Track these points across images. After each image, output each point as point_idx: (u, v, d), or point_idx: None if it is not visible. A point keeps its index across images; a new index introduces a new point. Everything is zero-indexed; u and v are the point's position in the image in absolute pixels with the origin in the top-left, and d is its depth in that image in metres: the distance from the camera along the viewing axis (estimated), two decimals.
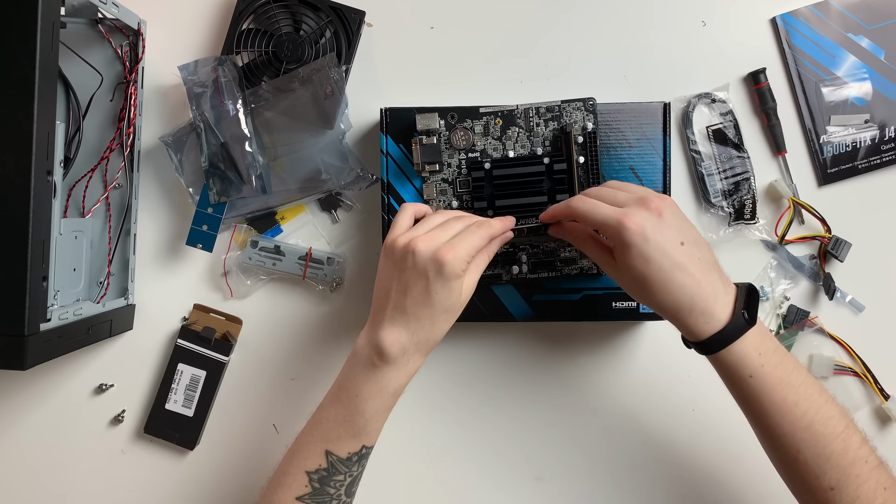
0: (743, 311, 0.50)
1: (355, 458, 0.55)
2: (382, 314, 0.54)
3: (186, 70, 0.66)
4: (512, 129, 0.64)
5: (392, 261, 0.54)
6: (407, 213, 0.57)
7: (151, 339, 0.71)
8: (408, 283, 0.53)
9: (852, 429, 0.52)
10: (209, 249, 0.68)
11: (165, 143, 0.68)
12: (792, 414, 0.50)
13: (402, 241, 0.53)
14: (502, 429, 0.71)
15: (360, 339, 0.55)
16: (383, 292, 0.55)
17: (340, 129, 0.67)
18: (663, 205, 0.51)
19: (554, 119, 0.63)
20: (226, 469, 0.71)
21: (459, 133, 0.63)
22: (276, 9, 0.67)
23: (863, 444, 0.52)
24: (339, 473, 0.55)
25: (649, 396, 0.70)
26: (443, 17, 0.71)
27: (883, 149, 0.70)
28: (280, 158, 0.67)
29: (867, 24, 0.70)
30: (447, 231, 0.54)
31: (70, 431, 0.71)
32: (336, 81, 0.65)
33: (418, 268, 0.52)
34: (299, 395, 0.71)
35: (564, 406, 0.71)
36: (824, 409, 0.51)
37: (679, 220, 0.52)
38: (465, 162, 0.64)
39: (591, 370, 0.71)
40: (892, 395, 0.69)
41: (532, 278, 0.64)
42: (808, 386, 0.51)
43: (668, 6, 0.71)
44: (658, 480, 0.70)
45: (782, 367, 0.51)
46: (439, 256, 0.51)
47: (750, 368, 0.51)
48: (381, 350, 0.53)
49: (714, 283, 0.51)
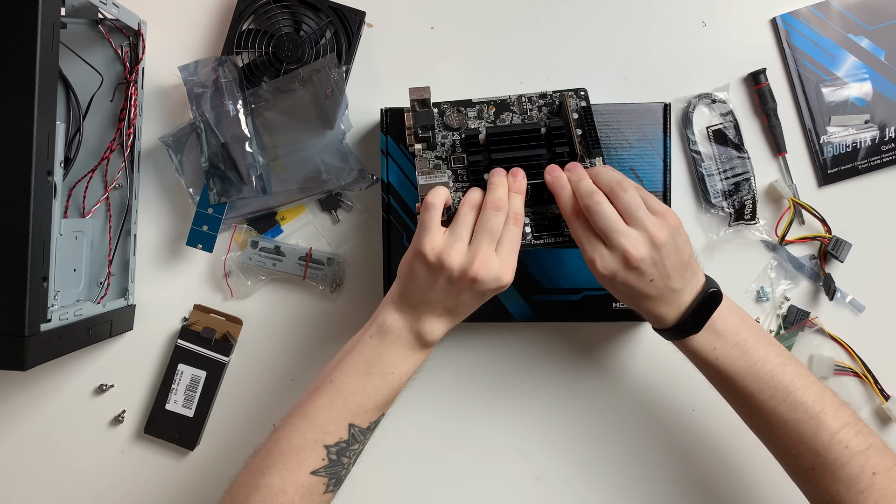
0: (685, 322, 0.54)
1: (373, 426, 0.57)
2: (427, 308, 0.55)
3: (187, 70, 0.66)
4: (505, 114, 0.61)
5: (442, 277, 0.54)
6: (436, 210, 0.55)
7: (151, 340, 0.71)
8: (460, 293, 0.54)
9: (831, 413, 0.53)
10: (209, 250, 0.68)
11: (165, 143, 0.68)
12: (756, 399, 0.54)
13: (456, 264, 0.53)
14: (502, 428, 0.71)
15: (392, 319, 0.55)
16: (421, 294, 0.55)
17: (341, 130, 0.67)
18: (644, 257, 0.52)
19: (547, 105, 0.61)
20: (226, 469, 0.71)
21: (453, 115, 0.61)
22: (277, 9, 0.67)
23: (844, 427, 0.52)
24: (356, 443, 0.55)
25: (649, 397, 0.70)
26: (443, 17, 0.71)
27: (883, 149, 0.70)
28: (280, 159, 0.67)
29: (867, 24, 0.70)
30: (491, 236, 0.54)
31: (70, 432, 0.71)
32: (336, 82, 0.65)
33: (476, 289, 0.54)
34: (299, 396, 0.71)
35: (564, 406, 0.70)
36: (794, 395, 0.53)
37: (655, 267, 0.53)
38: (460, 142, 0.60)
39: (590, 370, 0.71)
40: (892, 396, 0.69)
41: (538, 244, 0.60)
42: (774, 375, 0.54)
43: (668, 6, 0.71)
44: (658, 480, 0.70)
45: (743, 359, 0.54)
46: (502, 282, 0.54)
47: (706, 359, 0.55)
48: (425, 339, 0.55)
49: (672, 297, 0.54)
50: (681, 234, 0.54)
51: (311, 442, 0.53)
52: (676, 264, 0.53)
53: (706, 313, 0.55)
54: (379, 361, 0.55)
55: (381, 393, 0.55)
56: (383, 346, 0.55)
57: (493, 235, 0.54)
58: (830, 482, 0.52)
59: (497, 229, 0.54)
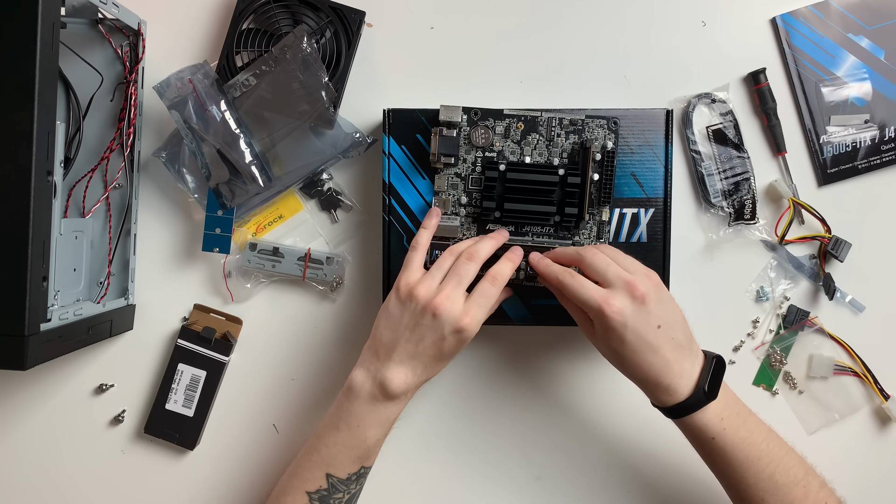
0: (704, 386, 0.55)
1: (354, 477, 0.59)
2: (390, 355, 0.57)
3: (162, 88, 0.65)
4: (532, 135, 0.63)
5: (408, 311, 0.57)
6: (420, 252, 0.60)
7: (151, 340, 0.71)
8: (423, 336, 0.56)
9: (811, 475, 0.57)
10: (226, 251, 0.68)
11: (160, 158, 0.68)
12: (755, 468, 0.56)
13: (422, 296, 0.56)
14: (502, 429, 0.71)
15: (357, 374, 0.58)
16: (390, 333, 0.57)
17: (324, 99, 0.66)
18: (648, 289, 0.54)
19: (575, 133, 0.63)
20: (226, 469, 0.71)
21: (480, 130, 0.63)
22: (276, 9, 0.67)
23: (822, 487, 0.57)
24: (338, 492, 0.58)
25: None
26: (443, 17, 0.71)
27: (883, 149, 0.70)
28: (275, 144, 0.67)
29: (867, 24, 0.70)
30: (462, 281, 0.57)
31: (70, 431, 0.71)
32: (309, 54, 0.65)
33: (436, 328, 0.56)
34: (299, 396, 0.71)
35: (564, 407, 0.71)
36: (784, 460, 0.56)
37: (660, 304, 0.55)
38: (481, 160, 0.64)
39: (590, 372, 0.71)
40: (892, 395, 0.69)
41: (528, 286, 0.65)
42: (769, 441, 0.57)
43: (668, 6, 0.71)
44: (657, 481, 0.70)
45: (745, 428, 0.56)
46: (460, 325, 0.55)
47: (712, 432, 0.56)
48: (386, 389, 0.56)
49: (682, 360, 0.55)
50: (668, 292, 0.57)
51: (296, 488, 0.59)
52: (676, 315, 0.55)
53: (719, 378, 0.56)
54: (345, 415, 0.58)
55: (351, 445, 0.57)
56: (348, 401, 0.58)
57: (461, 280, 0.57)
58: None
59: (466, 276, 0.57)
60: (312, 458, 0.58)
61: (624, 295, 0.54)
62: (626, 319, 0.53)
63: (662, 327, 0.54)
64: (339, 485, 0.58)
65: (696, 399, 0.55)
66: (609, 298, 0.53)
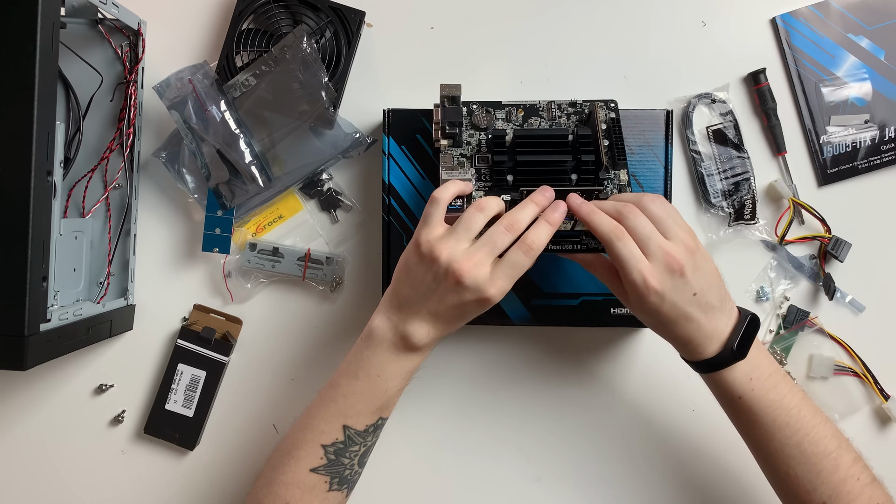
0: (734, 346, 0.53)
1: (372, 428, 0.57)
2: (412, 310, 0.54)
3: (161, 88, 0.65)
4: (534, 118, 0.62)
5: (431, 271, 0.53)
6: (441, 207, 0.55)
7: (151, 340, 0.71)
8: (444, 297, 0.53)
9: (845, 448, 0.54)
10: (226, 251, 0.68)
11: (160, 158, 0.68)
12: (782, 433, 0.54)
13: (445, 257, 0.52)
14: (502, 429, 0.71)
15: (378, 321, 0.56)
16: (411, 290, 0.54)
17: (324, 99, 0.66)
18: (686, 261, 0.52)
19: (576, 113, 0.62)
20: (226, 469, 0.71)
21: (481, 114, 0.61)
22: (276, 9, 0.67)
23: (855, 462, 0.54)
24: (354, 444, 0.56)
25: (648, 397, 0.70)
26: (443, 17, 0.71)
27: (883, 149, 0.70)
28: (275, 144, 0.67)
29: (867, 24, 0.70)
30: (494, 251, 0.52)
31: (70, 431, 0.71)
32: (309, 53, 0.65)
33: (458, 293, 0.52)
34: (299, 396, 0.71)
35: (564, 407, 0.71)
36: (817, 430, 0.54)
37: (696, 272, 0.52)
38: (486, 142, 0.60)
39: (589, 372, 0.71)
40: (892, 395, 0.69)
41: (555, 249, 0.58)
42: (801, 409, 0.54)
43: (668, 6, 0.71)
44: (658, 481, 0.70)
45: (775, 391, 0.54)
46: (485, 295, 0.52)
47: (739, 391, 0.54)
48: (410, 341, 0.54)
49: (714, 321, 0.54)
50: (704, 251, 0.54)
51: (310, 442, 0.56)
52: (711, 278, 0.54)
53: (750, 337, 0.54)
54: (365, 364, 0.56)
55: (371, 395, 0.55)
56: (369, 350, 0.56)
57: (494, 248, 0.52)
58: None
59: (501, 246, 0.53)
60: (329, 409, 0.56)
61: (663, 270, 0.51)
62: (665, 293, 0.51)
63: (698, 294, 0.52)
64: (356, 437, 0.56)
65: (724, 357, 0.53)
66: (649, 277, 0.51)
